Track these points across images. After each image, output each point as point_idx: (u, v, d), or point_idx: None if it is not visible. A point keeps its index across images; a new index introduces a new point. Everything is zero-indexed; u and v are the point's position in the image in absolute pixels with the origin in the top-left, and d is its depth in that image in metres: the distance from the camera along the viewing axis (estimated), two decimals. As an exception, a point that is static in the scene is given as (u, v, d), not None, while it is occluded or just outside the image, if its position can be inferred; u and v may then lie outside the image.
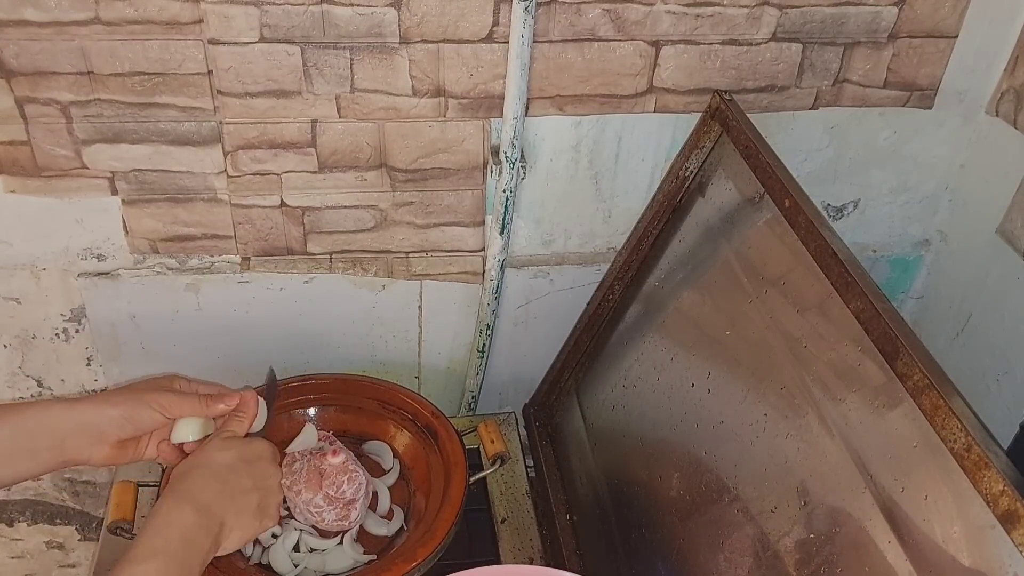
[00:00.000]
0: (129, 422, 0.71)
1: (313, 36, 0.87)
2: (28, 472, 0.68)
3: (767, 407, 0.75)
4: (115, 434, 0.70)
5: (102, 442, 0.70)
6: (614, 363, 1.03)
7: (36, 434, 0.67)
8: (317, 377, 1.02)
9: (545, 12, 0.88)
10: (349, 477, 0.89)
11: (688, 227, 0.95)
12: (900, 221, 1.12)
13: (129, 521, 0.87)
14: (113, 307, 1.04)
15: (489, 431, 0.98)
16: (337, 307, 1.09)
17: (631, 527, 0.91)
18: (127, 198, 0.96)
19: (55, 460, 0.68)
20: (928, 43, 0.97)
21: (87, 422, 0.69)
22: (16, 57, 0.84)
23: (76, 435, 0.69)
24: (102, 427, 0.70)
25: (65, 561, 1.37)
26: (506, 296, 1.11)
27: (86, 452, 0.70)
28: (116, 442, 0.71)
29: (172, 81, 0.88)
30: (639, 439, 0.94)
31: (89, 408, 0.70)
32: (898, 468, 0.60)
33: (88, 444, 0.69)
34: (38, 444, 0.67)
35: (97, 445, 0.70)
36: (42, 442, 0.67)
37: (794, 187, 0.76)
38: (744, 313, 0.81)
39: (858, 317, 0.64)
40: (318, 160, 0.96)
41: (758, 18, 0.93)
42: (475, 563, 0.78)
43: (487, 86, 0.93)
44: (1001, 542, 0.50)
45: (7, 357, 1.08)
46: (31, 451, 0.67)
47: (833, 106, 1.01)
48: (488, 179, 1.00)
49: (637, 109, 0.97)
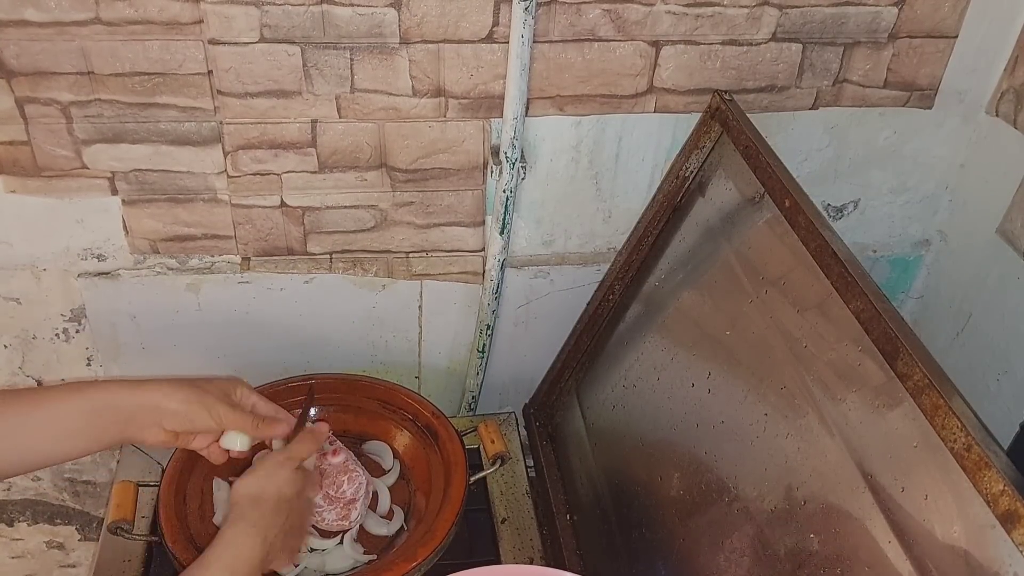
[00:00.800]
0: (186, 418, 0.73)
1: (313, 36, 0.87)
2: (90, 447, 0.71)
3: (767, 407, 0.75)
4: (171, 424, 0.73)
5: (158, 427, 0.72)
6: (614, 363, 1.03)
7: (102, 411, 0.70)
8: (317, 377, 1.02)
9: (545, 12, 0.88)
10: (349, 477, 0.89)
11: (688, 227, 0.95)
12: (900, 221, 1.12)
13: (129, 521, 0.87)
14: (113, 307, 1.04)
15: (489, 431, 0.98)
16: (337, 307, 1.09)
17: (631, 527, 0.91)
18: (127, 198, 0.96)
19: (117, 437, 0.71)
20: (928, 43, 0.97)
21: (150, 406, 0.71)
22: (16, 57, 0.84)
23: (140, 416, 0.71)
24: (161, 414, 0.72)
25: (65, 561, 1.37)
26: (506, 296, 1.11)
27: (142, 433, 0.72)
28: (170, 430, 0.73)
29: (172, 81, 0.88)
30: (639, 439, 0.94)
31: (154, 394, 0.72)
32: (898, 468, 0.60)
33: (146, 426, 0.72)
34: (103, 421, 0.70)
35: (153, 428, 0.72)
36: (107, 419, 0.70)
37: (794, 187, 0.76)
38: (744, 313, 0.81)
39: (858, 317, 0.64)
40: (318, 160, 0.96)
41: (758, 18, 0.93)
42: (475, 563, 0.78)
43: (487, 86, 0.93)
44: (1001, 542, 0.50)
45: (7, 357, 1.08)
46: (96, 427, 0.70)
47: (833, 106, 1.01)
48: (488, 179, 1.00)
49: (637, 109, 0.97)
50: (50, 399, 0.69)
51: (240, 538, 0.69)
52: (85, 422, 0.69)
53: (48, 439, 0.69)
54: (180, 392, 0.72)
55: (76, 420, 0.69)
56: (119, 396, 0.71)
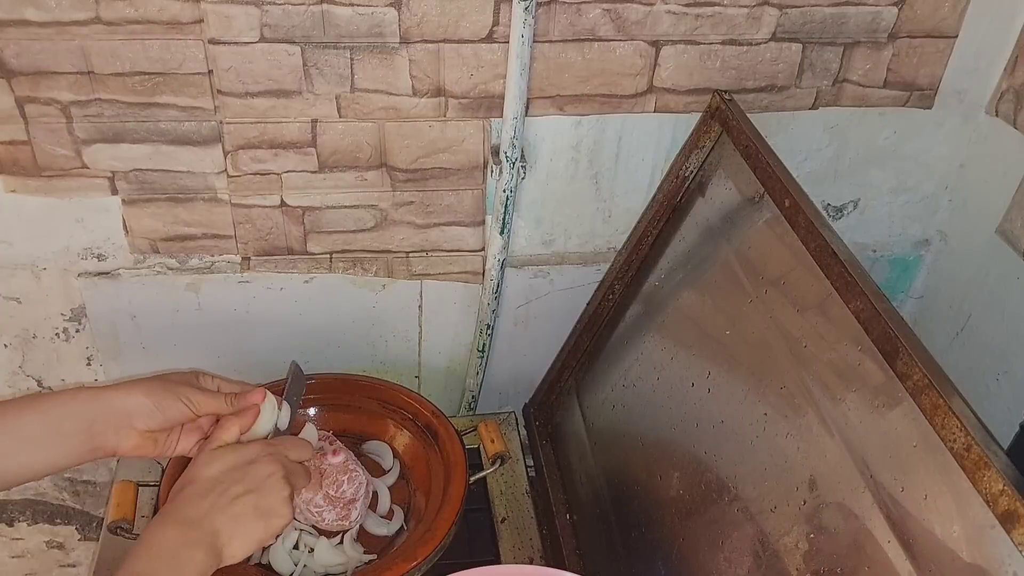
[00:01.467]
0: (158, 410, 0.70)
1: (313, 36, 0.87)
2: (61, 460, 0.68)
3: (767, 407, 0.75)
4: (143, 422, 0.70)
5: (129, 428, 0.69)
6: (614, 363, 1.03)
7: (64, 418, 0.67)
8: (317, 377, 1.02)
9: (545, 12, 0.88)
10: (349, 477, 0.89)
11: (688, 227, 0.95)
12: (900, 221, 1.12)
13: (129, 521, 0.87)
14: (113, 307, 1.04)
15: (489, 431, 0.98)
16: (337, 307, 1.09)
17: (631, 527, 0.91)
18: (127, 198, 0.96)
19: (85, 446, 0.68)
20: (928, 43, 0.97)
21: (114, 406, 0.69)
22: (16, 57, 0.84)
23: (103, 419, 0.68)
24: (129, 412, 0.69)
25: (65, 561, 1.37)
26: (506, 296, 1.11)
27: (113, 438, 0.69)
28: (145, 431, 0.71)
29: (172, 81, 0.88)
30: (639, 439, 0.94)
31: (117, 393, 0.69)
32: (898, 468, 0.60)
33: (115, 429, 0.69)
34: (66, 428, 0.67)
35: (124, 431, 0.69)
36: (70, 426, 0.67)
37: (794, 187, 0.76)
38: (744, 313, 0.81)
39: (858, 317, 0.64)
40: (318, 160, 0.96)
41: (758, 18, 0.93)
42: (475, 563, 0.78)
43: (487, 86, 0.93)
44: (1001, 542, 0.50)
45: (7, 357, 1.08)
46: (60, 436, 0.67)
47: (833, 106, 1.01)
48: (488, 179, 1.00)
49: (637, 109, 0.97)
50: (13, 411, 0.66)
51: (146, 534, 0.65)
52: (50, 431, 0.66)
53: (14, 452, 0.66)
54: (140, 386, 0.70)
55: (40, 429, 0.66)
56: (80, 400, 0.68)
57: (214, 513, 0.67)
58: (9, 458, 0.66)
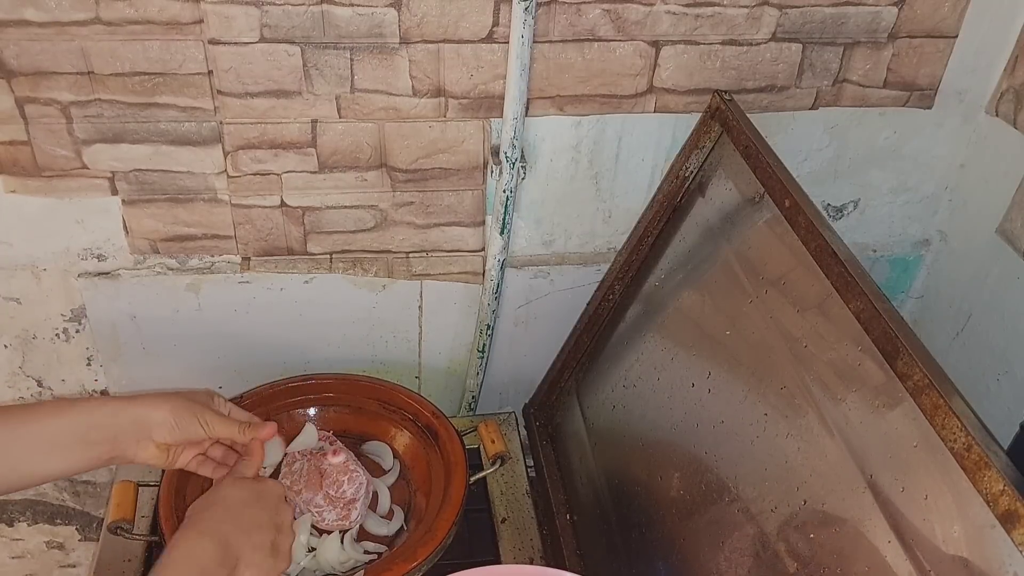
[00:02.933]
0: (178, 428, 0.73)
1: (313, 36, 0.87)
2: (81, 465, 0.70)
3: (767, 407, 0.75)
4: (162, 436, 0.72)
5: (148, 440, 0.72)
6: (614, 363, 1.03)
7: (91, 428, 0.69)
8: (317, 377, 1.02)
9: (545, 12, 0.88)
10: (349, 477, 0.89)
11: (688, 227, 0.95)
12: (900, 221, 1.12)
13: (129, 521, 0.87)
14: (113, 307, 1.04)
15: (489, 431, 0.98)
16: (337, 307, 1.09)
17: (631, 527, 0.91)
18: (127, 198, 0.96)
19: (106, 455, 0.70)
20: (928, 43, 0.97)
21: (140, 419, 0.71)
22: (16, 57, 0.84)
23: (128, 431, 0.71)
24: (152, 427, 0.71)
25: (65, 561, 1.37)
26: (506, 296, 1.11)
27: (133, 449, 0.71)
28: (161, 443, 0.73)
29: (172, 81, 0.88)
30: (639, 439, 0.94)
31: (143, 407, 0.72)
32: (898, 468, 0.60)
33: (136, 441, 0.71)
34: (92, 437, 0.69)
35: (144, 443, 0.72)
36: (96, 435, 0.69)
37: (794, 187, 0.76)
38: (744, 313, 0.81)
39: (858, 317, 0.64)
40: (318, 160, 0.96)
41: (758, 18, 0.93)
42: (475, 563, 0.78)
43: (487, 86, 0.93)
44: (1001, 542, 0.50)
45: (7, 357, 1.08)
46: (85, 444, 0.69)
47: (833, 106, 1.01)
48: (488, 179, 1.00)
49: (637, 109, 0.97)
50: (40, 415, 0.68)
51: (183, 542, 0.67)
52: (75, 438, 0.68)
53: (38, 456, 0.68)
54: (167, 403, 0.72)
55: (66, 436, 0.68)
56: (108, 411, 0.70)
57: (241, 537, 0.69)
58: (32, 463, 0.68)
